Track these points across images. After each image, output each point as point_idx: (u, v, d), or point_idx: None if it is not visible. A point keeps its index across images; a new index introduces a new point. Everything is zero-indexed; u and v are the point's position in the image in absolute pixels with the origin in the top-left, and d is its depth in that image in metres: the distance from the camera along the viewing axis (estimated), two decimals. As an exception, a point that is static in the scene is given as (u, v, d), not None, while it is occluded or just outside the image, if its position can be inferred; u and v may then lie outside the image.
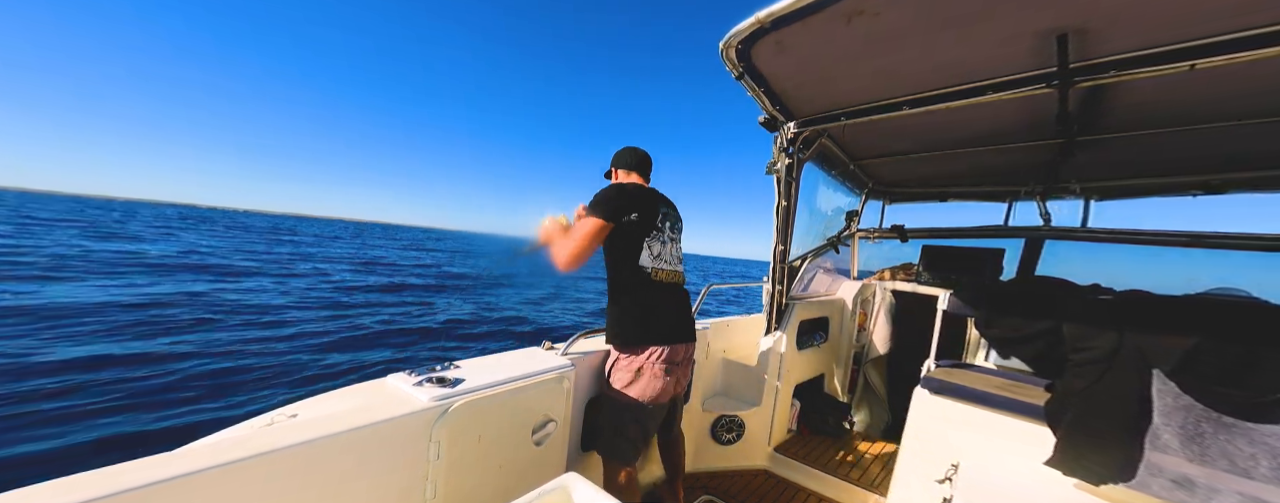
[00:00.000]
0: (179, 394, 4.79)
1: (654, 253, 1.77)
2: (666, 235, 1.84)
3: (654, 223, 1.78)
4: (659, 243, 1.79)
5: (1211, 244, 2.48)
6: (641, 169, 1.99)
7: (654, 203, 1.82)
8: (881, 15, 1.44)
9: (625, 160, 1.99)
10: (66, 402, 4.30)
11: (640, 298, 1.76)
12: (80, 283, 9.55)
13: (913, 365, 2.19)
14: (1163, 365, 1.34)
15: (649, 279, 1.75)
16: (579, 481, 1.12)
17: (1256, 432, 1.20)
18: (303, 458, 1.03)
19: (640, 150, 2.01)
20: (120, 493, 0.80)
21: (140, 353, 5.70)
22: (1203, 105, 1.85)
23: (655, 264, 1.77)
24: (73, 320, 6.72)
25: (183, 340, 6.42)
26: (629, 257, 1.75)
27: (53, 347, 5.60)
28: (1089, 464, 1.41)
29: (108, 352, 5.62)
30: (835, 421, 3.11)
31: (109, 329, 6.55)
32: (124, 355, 5.56)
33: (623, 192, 1.77)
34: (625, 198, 1.74)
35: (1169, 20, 1.33)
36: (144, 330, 6.69)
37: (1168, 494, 1.28)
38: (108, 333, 6.41)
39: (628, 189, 1.80)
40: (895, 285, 3.43)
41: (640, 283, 1.75)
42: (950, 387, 1.86)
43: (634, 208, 1.73)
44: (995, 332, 1.82)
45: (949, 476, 1.71)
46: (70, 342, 5.87)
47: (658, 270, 1.78)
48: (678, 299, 1.85)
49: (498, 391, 1.46)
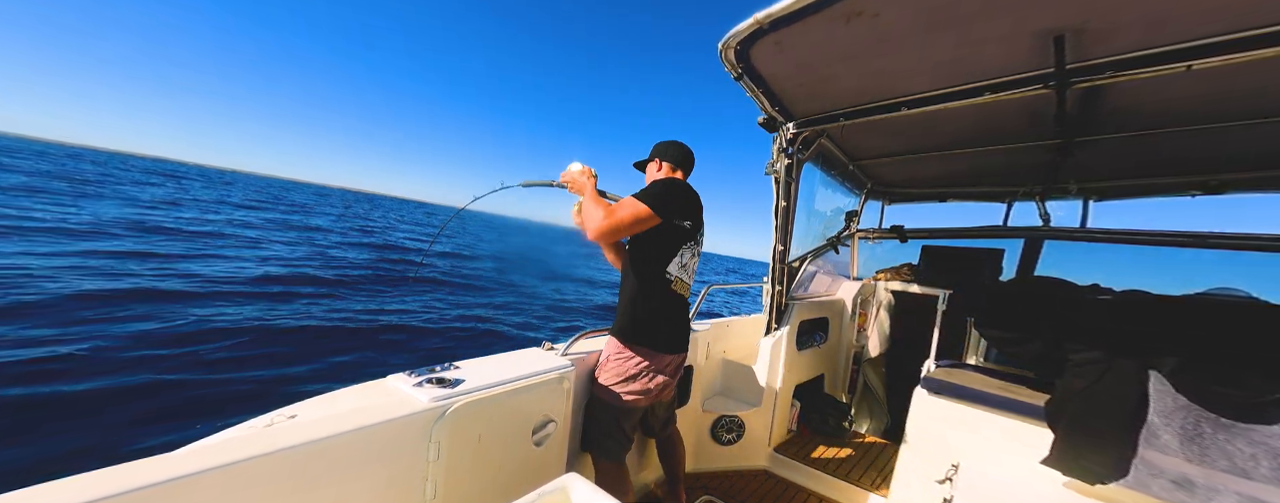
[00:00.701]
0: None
1: (682, 262, 1.74)
2: (697, 248, 1.81)
3: (696, 235, 1.75)
4: (690, 254, 1.76)
5: (1211, 244, 2.49)
6: (686, 168, 1.89)
7: (700, 214, 1.76)
8: (880, 16, 1.45)
9: (672, 155, 1.86)
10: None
11: (654, 301, 1.72)
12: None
13: (912, 366, 2.19)
14: (1161, 366, 1.34)
15: (667, 286, 1.73)
16: (579, 481, 1.12)
17: (1256, 432, 1.20)
18: (303, 459, 1.03)
19: (687, 147, 1.89)
20: (120, 494, 0.80)
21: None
22: (1200, 106, 1.85)
23: (679, 274, 1.74)
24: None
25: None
26: (660, 259, 1.68)
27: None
28: (1088, 464, 1.41)
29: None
30: (835, 421, 3.11)
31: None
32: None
33: (683, 193, 1.67)
34: (683, 201, 1.65)
35: (1166, 21, 1.33)
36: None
37: (1167, 495, 1.28)
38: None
39: (686, 191, 1.70)
40: (895, 286, 3.44)
41: (659, 287, 1.72)
42: (950, 387, 1.86)
43: (687, 215, 1.66)
44: (995, 332, 1.82)
45: (949, 476, 1.71)
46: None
47: (678, 280, 1.75)
48: (682, 311, 1.84)
49: (497, 391, 1.46)
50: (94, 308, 5.71)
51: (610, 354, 1.77)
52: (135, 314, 5.75)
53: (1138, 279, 2.08)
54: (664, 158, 1.87)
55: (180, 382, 4.40)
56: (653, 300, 1.71)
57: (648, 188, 1.65)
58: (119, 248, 9.33)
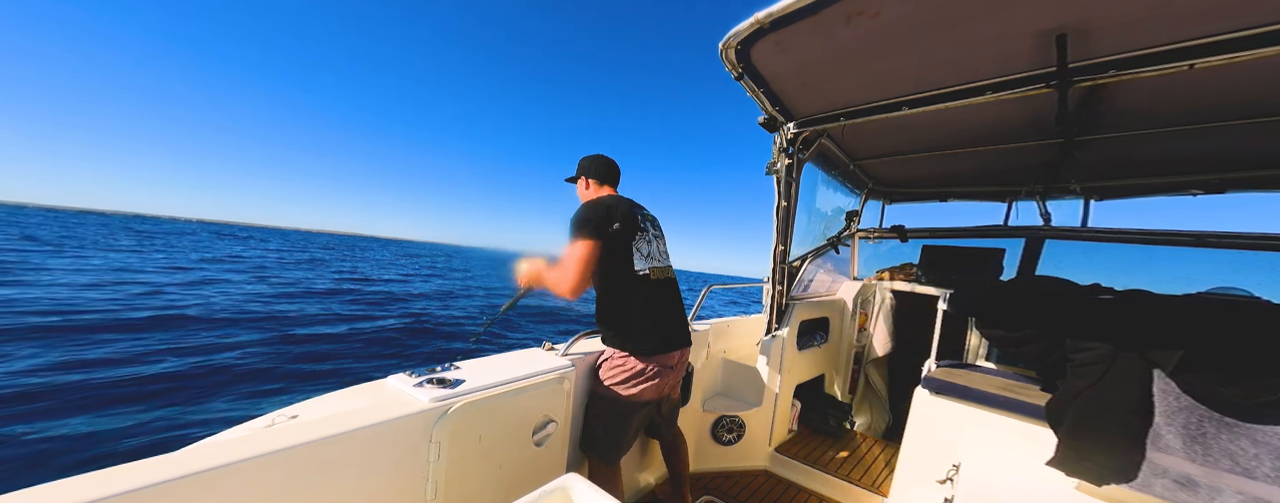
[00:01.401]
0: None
1: (644, 253, 1.77)
2: (651, 234, 1.84)
3: (637, 226, 1.77)
4: (645, 243, 1.79)
5: (1211, 244, 2.48)
6: (611, 179, 1.95)
7: (629, 208, 1.79)
8: (881, 15, 1.44)
9: (596, 170, 1.94)
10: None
11: (634, 302, 1.73)
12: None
13: (913, 366, 2.19)
14: (1164, 366, 1.34)
15: (646, 280, 1.75)
16: (579, 481, 1.11)
17: (1259, 432, 1.20)
18: (303, 459, 1.03)
19: (610, 159, 1.97)
20: (120, 494, 0.80)
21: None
22: (1202, 105, 1.85)
23: (648, 264, 1.77)
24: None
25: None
26: (622, 264, 1.73)
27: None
28: (1091, 465, 1.40)
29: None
30: (836, 421, 3.10)
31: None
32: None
33: (598, 206, 1.73)
34: (603, 211, 1.71)
35: (1168, 20, 1.33)
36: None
37: (1170, 495, 1.28)
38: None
39: (603, 202, 1.76)
40: (895, 285, 3.43)
41: (636, 286, 1.73)
42: (951, 387, 1.85)
43: (614, 218, 1.71)
44: (995, 332, 1.82)
45: (950, 476, 1.71)
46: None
47: (653, 270, 1.78)
48: (672, 299, 1.85)
49: (498, 391, 1.46)
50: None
51: (609, 355, 1.78)
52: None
53: (1138, 279, 2.09)
54: (588, 174, 1.95)
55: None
56: (635, 297, 1.72)
57: (573, 223, 1.70)
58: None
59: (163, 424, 4.24)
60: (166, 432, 4.10)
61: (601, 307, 1.78)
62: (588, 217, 1.68)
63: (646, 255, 1.77)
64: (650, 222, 1.88)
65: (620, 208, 1.75)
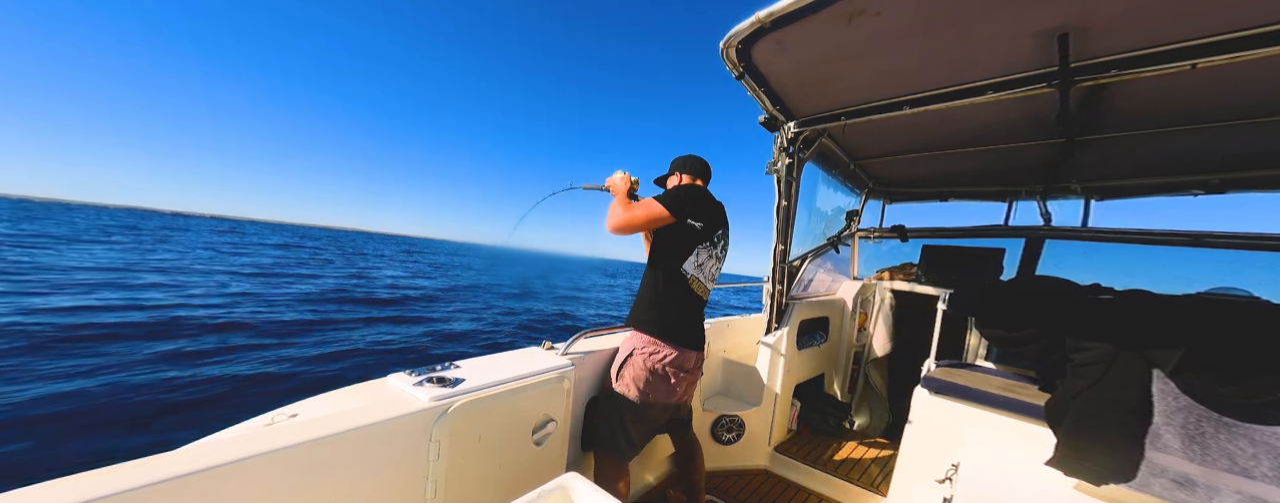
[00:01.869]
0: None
1: (698, 262, 1.77)
2: (716, 251, 1.83)
3: (711, 235, 1.78)
4: (706, 255, 1.78)
5: (1212, 244, 2.48)
6: (704, 178, 1.97)
7: (718, 216, 1.81)
8: (882, 15, 1.44)
9: (690, 167, 1.97)
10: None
11: (670, 295, 1.74)
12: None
13: (913, 365, 2.19)
14: (1163, 366, 1.34)
15: (685, 284, 1.76)
16: (579, 481, 1.12)
17: (1258, 432, 1.20)
18: (303, 458, 1.03)
19: (703, 159, 1.99)
20: (120, 493, 0.80)
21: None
22: (1204, 105, 1.85)
23: (695, 273, 1.77)
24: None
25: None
26: (675, 257, 1.74)
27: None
28: (1090, 464, 1.41)
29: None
30: (835, 421, 3.11)
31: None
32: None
33: (697, 195, 1.75)
34: (697, 202, 1.73)
35: (1170, 19, 1.33)
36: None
37: (1169, 494, 1.28)
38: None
39: (702, 193, 1.78)
40: (895, 285, 3.43)
41: (675, 284, 1.75)
42: (950, 387, 1.85)
43: (700, 215, 1.73)
44: (995, 332, 1.82)
45: (949, 476, 1.71)
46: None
47: (695, 280, 1.77)
48: (697, 310, 1.85)
49: (498, 390, 1.46)
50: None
51: (636, 347, 1.74)
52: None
53: (1139, 279, 2.08)
54: (683, 170, 1.99)
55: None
56: (672, 293, 1.75)
57: (669, 192, 1.76)
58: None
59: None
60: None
61: (642, 290, 1.81)
62: (683, 195, 1.73)
63: (699, 265, 1.77)
64: (724, 241, 1.86)
65: (711, 209, 1.77)
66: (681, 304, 1.76)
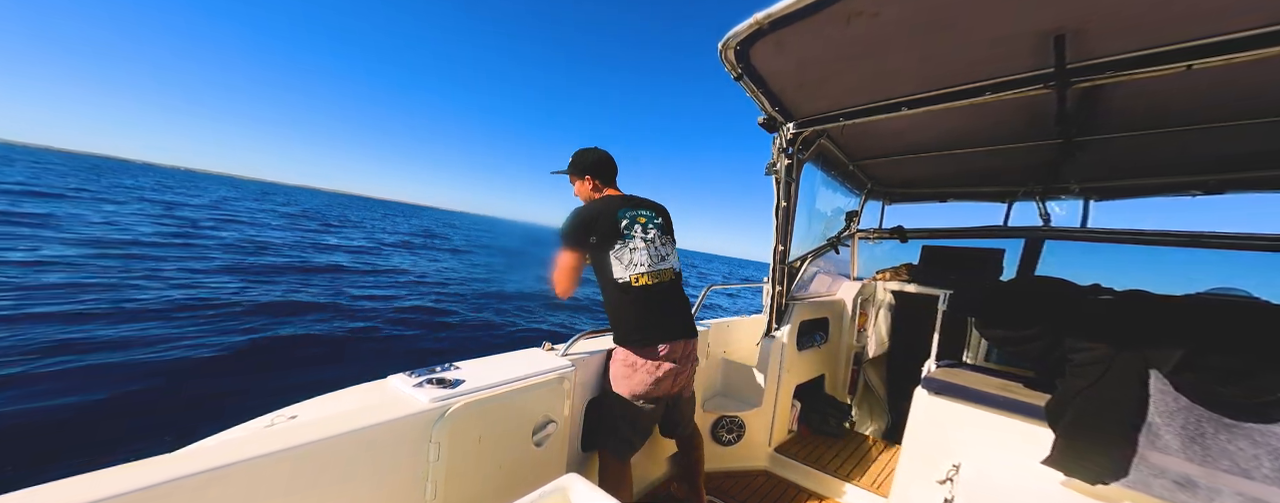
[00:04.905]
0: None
1: (624, 262, 1.76)
2: (638, 240, 1.79)
3: (615, 235, 1.77)
4: (628, 251, 1.77)
5: (1211, 244, 2.49)
6: (598, 172, 1.93)
7: (610, 214, 1.79)
8: (880, 16, 1.45)
9: (582, 164, 1.94)
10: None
11: (624, 304, 1.77)
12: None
13: (913, 366, 2.19)
14: (1163, 366, 1.34)
15: (629, 287, 1.76)
16: (579, 481, 1.12)
17: (1258, 432, 1.20)
18: (303, 460, 1.03)
19: (599, 151, 1.95)
20: (120, 495, 0.80)
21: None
22: (1200, 105, 1.85)
23: (630, 272, 1.76)
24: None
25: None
26: (603, 273, 1.79)
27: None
28: (1090, 464, 1.40)
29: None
30: (836, 421, 3.10)
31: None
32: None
33: (576, 218, 1.80)
34: (578, 224, 1.79)
35: (1166, 21, 1.33)
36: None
37: (1169, 495, 1.28)
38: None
39: (581, 214, 1.81)
40: (895, 286, 3.43)
41: (620, 292, 1.77)
42: (951, 387, 1.85)
43: (589, 231, 1.77)
44: (995, 332, 1.82)
45: (950, 476, 1.71)
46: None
47: (636, 277, 1.76)
48: (667, 298, 1.83)
49: (498, 391, 1.46)
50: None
51: (616, 353, 1.84)
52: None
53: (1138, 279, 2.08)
54: (575, 170, 1.97)
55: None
56: (622, 301, 1.78)
57: (559, 232, 1.82)
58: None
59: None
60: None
61: (605, 304, 1.85)
62: (567, 230, 1.79)
63: (628, 264, 1.77)
64: (640, 225, 1.83)
65: (601, 219, 1.78)
66: (638, 305, 1.77)
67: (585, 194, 1.97)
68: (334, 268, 12.25)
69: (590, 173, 1.94)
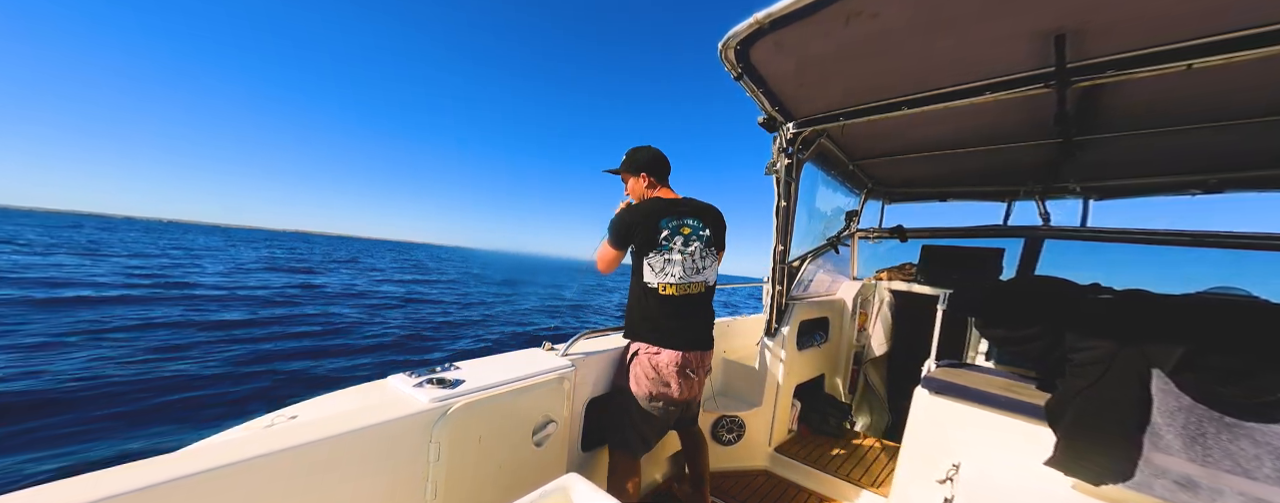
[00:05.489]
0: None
1: (656, 269, 1.77)
2: (676, 252, 1.79)
3: (654, 241, 1.77)
4: (661, 259, 1.78)
5: (1211, 244, 2.48)
6: (652, 170, 1.93)
7: (652, 223, 1.78)
8: (880, 16, 1.45)
9: (636, 162, 1.95)
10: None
11: (644, 304, 1.80)
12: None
13: (913, 366, 2.19)
14: (1163, 365, 1.34)
15: (654, 293, 1.78)
16: (579, 481, 1.11)
17: (1260, 432, 1.20)
18: (303, 460, 1.03)
19: (652, 149, 1.95)
20: (120, 494, 0.80)
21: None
22: (1201, 105, 1.85)
23: (659, 279, 1.78)
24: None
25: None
26: (636, 271, 1.83)
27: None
28: (1090, 465, 1.40)
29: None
30: (836, 421, 3.10)
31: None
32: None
33: (620, 221, 1.83)
34: (624, 225, 1.81)
35: (1166, 20, 1.33)
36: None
37: (1171, 495, 1.27)
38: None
39: (625, 218, 1.83)
40: (895, 285, 3.43)
41: (644, 293, 1.80)
42: (951, 387, 1.85)
43: (632, 234, 1.79)
44: (995, 332, 1.82)
45: (950, 476, 1.71)
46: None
47: (664, 285, 1.78)
48: (691, 309, 1.84)
49: (498, 391, 1.46)
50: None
51: (641, 348, 1.83)
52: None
53: (1138, 279, 2.08)
54: (628, 169, 1.99)
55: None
56: (643, 304, 1.81)
57: (611, 222, 1.87)
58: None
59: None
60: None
61: (628, 303, 1.89)
62: (612, 229, 1.84)
63: (660, 272, 1.78)
64: (682, 235, 1.80)
65: (643, 220, 1.78)
66: (657, 309, 1.79)
67: (639, 192, 1.96)
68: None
69: (645, 170, 1.94)
